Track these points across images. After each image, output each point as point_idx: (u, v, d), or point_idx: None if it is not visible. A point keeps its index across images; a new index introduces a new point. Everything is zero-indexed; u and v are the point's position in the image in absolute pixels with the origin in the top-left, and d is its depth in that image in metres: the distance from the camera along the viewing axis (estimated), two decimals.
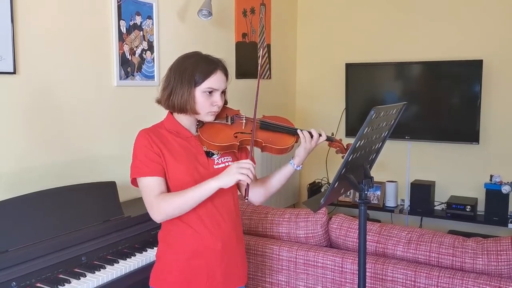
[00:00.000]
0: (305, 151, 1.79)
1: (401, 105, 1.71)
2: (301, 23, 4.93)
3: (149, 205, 1.66)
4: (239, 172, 1.57)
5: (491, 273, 2.12)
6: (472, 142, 4.09)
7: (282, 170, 1.85)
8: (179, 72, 1.69)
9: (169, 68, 1.75)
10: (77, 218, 2.14)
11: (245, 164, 1.59)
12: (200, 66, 1.69)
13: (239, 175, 1.57)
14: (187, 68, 1.69)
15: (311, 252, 2.41)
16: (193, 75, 1.67)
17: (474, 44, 4.13)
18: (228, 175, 1.60)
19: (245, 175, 1.57)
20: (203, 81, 1.68)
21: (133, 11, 2.87)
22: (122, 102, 2.84)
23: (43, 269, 1.88)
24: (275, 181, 1.86)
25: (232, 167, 1.60)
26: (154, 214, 1.66)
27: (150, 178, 1.66)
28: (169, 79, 1.72)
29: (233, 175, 1.58)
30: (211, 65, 1.70)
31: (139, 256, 2.18)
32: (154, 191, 1.65)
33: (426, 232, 2.34)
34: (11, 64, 2.21)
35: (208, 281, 1.73)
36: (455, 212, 4.02)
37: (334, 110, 4.72)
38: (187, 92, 1.67)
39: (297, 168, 1.83)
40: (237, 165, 1.60)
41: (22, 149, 2.30)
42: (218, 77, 1.70)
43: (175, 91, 1.68)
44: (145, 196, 1.67)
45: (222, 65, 1.74)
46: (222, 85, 1.72)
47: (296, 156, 1.82)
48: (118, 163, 2.74)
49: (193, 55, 1.74)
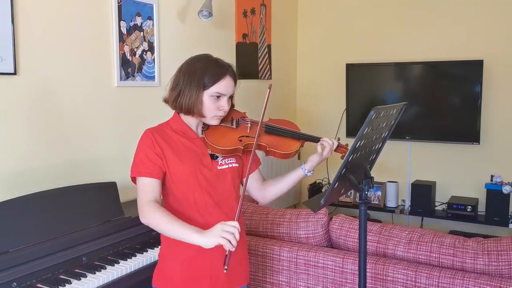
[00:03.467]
0: (319, 157, 1.80)
1: (401, 105, 1.71)
2: (301, 24, 4.93)
3: (139, 206, 1.67)
4: (221, 235, 1.46)
5: (492, 273, 2.12)
6: (472, 142, 4.09)
7: (292, 174, 1.86)
8: (189, 74, 1.69)
9: (179, 68, 1.75)
10: (78, 219, 2.15)
11: (230, 227, 1.48)
12: (209, 70, 1.69)
13: (221, 239, 1.46)
14: (197, 71, 1.69)
15: (311, 253, 2.41)
16: (202, 78, 1.67)
17: (474, 45, 4.13)
18: (210, 236, 1.49)
19: (226, 240, 1.46)
20: (211, 85, 1.68)
21: (134, 12, 2.87)
22: (123, 103, 2.84)
23: (44, 270, 1.88)
24: (285, 184, 1.87)
25: (217, 228, 1.49)
26: (141, 216, 1.67)
27: (146, 179, 1.66)
28: (178, 79, 1.72)
29: (215, 238, 1.47)
30: (220, 70, 1.70)
31: (140, 257, 2.18)
32: (147, 194, 1.66)
33: (426, 232, 2.34)
34: (11, 65, 2.21)
35: (212, 280, 1.74)
36: (456, 212, 4.02)
37: (334, 110, 4.73)
38: (195, 95, 1.67)
39: (308, 173, 1.83)
40: (222, 227, 1.48)
41: (23, 150, 2.30)
42: (227, 82, 1.70)
43: (184, 92, 1.68)
44: (138, 196, 1.68)
45: (232, 70, 1.74)
46: (230, 90, 1.72)
47: (309, 161, 1.82)
48: (119, 163, 2.75)
49: (203, 58, 1.74)
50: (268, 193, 1.90)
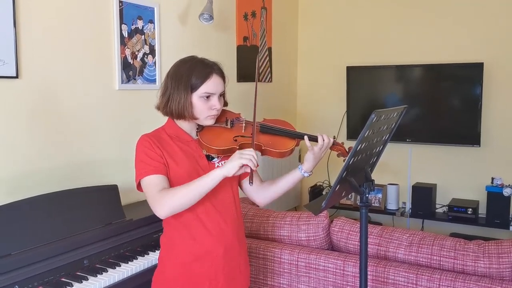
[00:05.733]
0: (313, 156, 1.76)
1: (402, 109, 1.71)
2: (302, 26, 4.94)
3: (152, 201, 1.63)
4: (241, 157, 1.55)
5: (493, 276, 2.12)
6: (473, 144, 4.09)
7: (290, 175, 1.83)
8: (176, 79, 1.69)
9: (166, 74, 1.74)
10: (79, 222, 2.15)
11: (247, 151, 1.58)
12: (195, 71, 1.68)
13: (242, 159, 1.55)
14: (183, 74, 1.68)
15: (312, 255, 2.41)
16: (189, 80, 1.67)
17: (475, 47, 4.14)
18: (231, 161, 1.57)
19: (247, 159, 1.55)
20: (199, 86, 1.67)
21: (135, 15, 2.88)
22: (124, 106, 2.85)
23: (45, 273, 1.88)
24: (282, 185, 1.84)
25: (235, 154, 1.58)
26: (157, 208, 1.62)
27: (152, 176, 1.64)
28: (167, 85, 1.71)
29: (236, 160, 1.55)
30: (206, 69, 1.69)
31: (141, 259, 2.18)
32: (157, 186, 1.63)
33: (427, 235, 2.34)
34: (13, 68, 2.22)
35: (211, 283, 1.73)
36: (457, 214, 4.02)
37: (335, 113, 4.73)
38: (184, 98, 1.67)
39: (305, 174, 1.79)
40: (239, 152, 1.58)
41: (24, 153, 2.30)
42: (214, 81, 1.69)
43: (172, 97, 1.68)
44: (148, 193, 1.65)
45: (218, 67, 1.73)
46: (219, 88, 1.71)
47: (305, 161, 1.78)
48: (120, 166, 2.75)
49: (188, 60, 1.74)
50: (267, 194, 1.87)
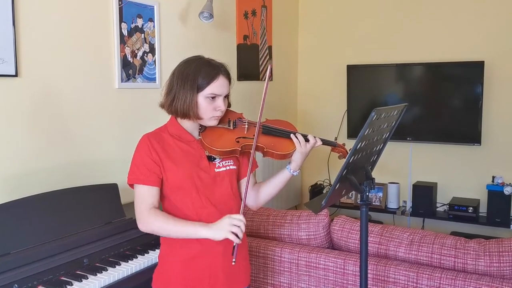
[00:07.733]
0: (300, 155, 1.75)
1: (402, 107, 1.71)
2: (302, 25, 4.93)
3: (138, 215, 1.68)
4: (229, 230, 1.55)
5: (494, 274, 2.12)
6: (474, 143, 4.09)
7: (279, 176, 1.82)
8: (182, 78, 1.68)
9: (172, 72, 1.74)
10: (79, 220, 2.15)
11: (236, 221, 1.57)
12: (202, 71, 1.67)
13: (229, 233, 1.55)
14: (190, 74, 1.68)
15: (313, 254, 2.41)
16: (195, 80, 1.66)
17: (475, 46, 4.13)
18: (218, 229, 1.58)
19: (234, 235, 1.55)
20: (206, 87, 1.67)
21: (135, 13, 2.87)
22: (124, 105, 2.84)
23: (45, 272, 1.88)
24: (272, 187, 1.83)
25: (225, 221, 1.58)
26: (140, 224, 1.68)
27: (144, 186, 1.66)
28: (172, 84, 1.71)
29: (223, 232, 1.56)
30: (213, 71, 1.69)
31: (141, 258, 2.18)
32: (145, 201, 1.66)
33: (428, 233, 2.33)
34: (13, 67, 2.21)
35: (211, 280, 1.73)
36: (457, 213, 4.02)
37: (335, 111, 4.73)
38: (189, 98, 1.66)
39: (294, 173, 1.79)
40: (229, 220, 1.57)
41: (24, 152, 2.30)
42: (220, 82, 1.69)
43: (178, 96, 1.67)
44: (136, 204, 1.69)
45: (225, 69, 1.73)
46: (224, 90, 1.71)
47: (293, 161, 1.78)
48: (120, 165, 2.74)
49: (195, 60, 1.73)
50: (260, 196, 1.86)
